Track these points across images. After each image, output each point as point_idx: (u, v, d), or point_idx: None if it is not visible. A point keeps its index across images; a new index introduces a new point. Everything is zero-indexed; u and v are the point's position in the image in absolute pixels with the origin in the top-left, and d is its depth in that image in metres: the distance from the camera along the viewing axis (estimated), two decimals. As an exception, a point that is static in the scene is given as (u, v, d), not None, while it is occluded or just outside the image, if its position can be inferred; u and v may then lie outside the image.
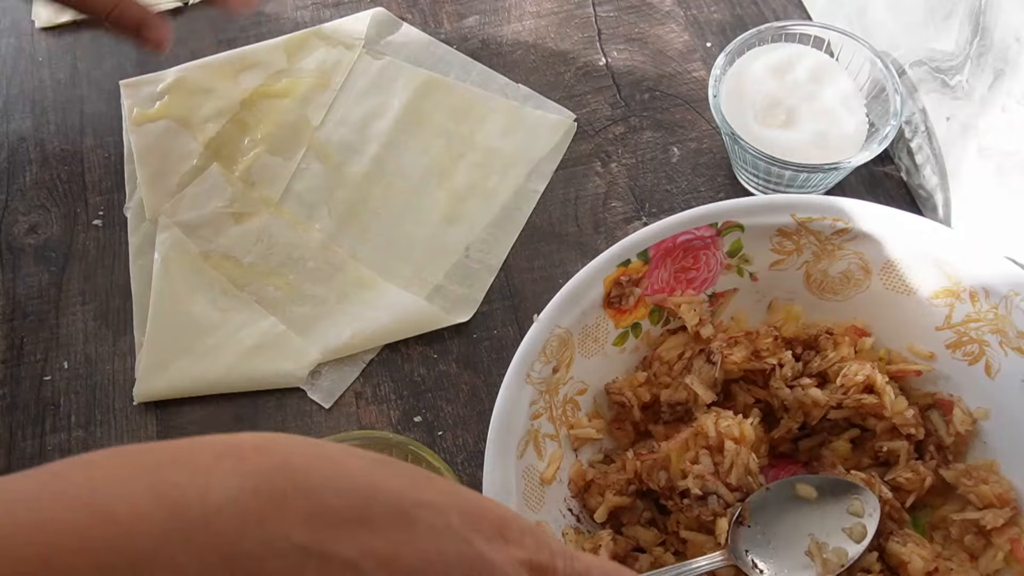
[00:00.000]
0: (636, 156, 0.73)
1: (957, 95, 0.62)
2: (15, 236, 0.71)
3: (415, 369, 0.66)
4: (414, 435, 0.63)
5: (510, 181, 0.72)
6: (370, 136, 0.74)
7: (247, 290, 0.68)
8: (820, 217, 0.57)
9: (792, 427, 0.57)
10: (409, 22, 0.80)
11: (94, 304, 0.68)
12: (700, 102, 0.75)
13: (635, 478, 0.55)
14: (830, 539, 0.52)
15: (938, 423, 0.57)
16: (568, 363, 0.56)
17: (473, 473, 0.62)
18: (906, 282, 0.57)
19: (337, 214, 0.71)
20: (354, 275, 0.69)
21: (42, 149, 0.75)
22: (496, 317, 0.67)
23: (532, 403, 0.54)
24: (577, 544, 0.55)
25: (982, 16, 0.58)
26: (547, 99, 0.76)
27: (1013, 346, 0.54)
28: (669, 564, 0.54)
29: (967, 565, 0.53)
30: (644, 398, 0.58)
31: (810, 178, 0.66)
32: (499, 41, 0.79)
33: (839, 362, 0.57)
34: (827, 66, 0.68)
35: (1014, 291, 0.53)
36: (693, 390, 0.56)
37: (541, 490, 0.54)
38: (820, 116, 0.67)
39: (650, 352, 0.60)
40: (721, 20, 0.79)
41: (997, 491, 0.54)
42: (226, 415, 0.64)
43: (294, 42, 0.79)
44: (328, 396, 0.65)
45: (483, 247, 0.70)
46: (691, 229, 0.57)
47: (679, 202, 0.71)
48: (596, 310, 0.57)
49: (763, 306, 0.61)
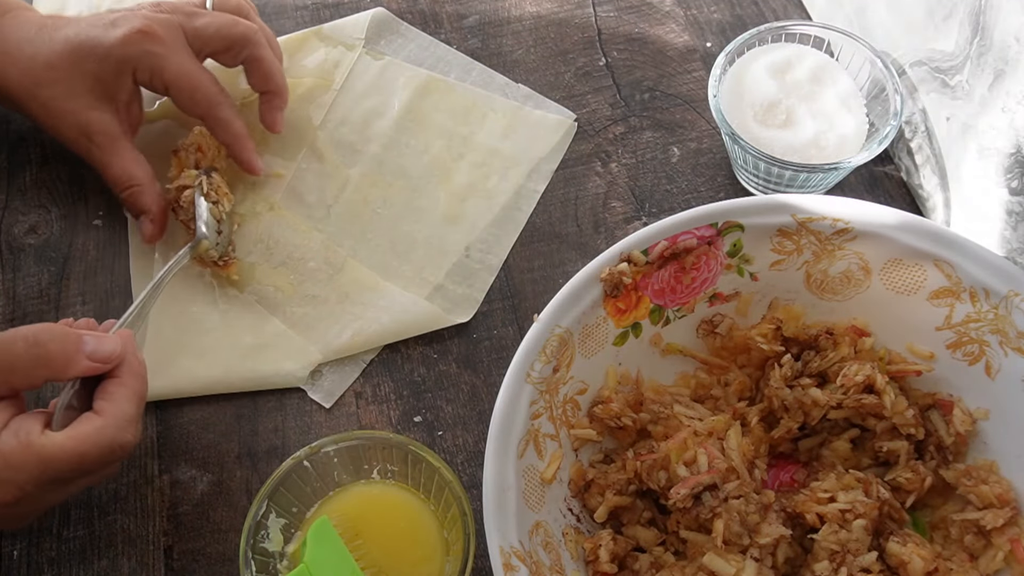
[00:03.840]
0: (636, 156, 0.73)
1: (957, 95, 0.62)
2: (15, 236, 0.71)
3: (415, 369, 0.66)
4: (414, 435, 0.63)
5: (510, 181, 0.72)
6: (370, 136, 0.74)
7: (248, 290, 0.68)
8: (820, 217, 0.57)
9: (792, 427, 0.58)
10: (409, 22, 0.80)
11: (94, 304, 0.68)
12: (700, 102, 0.75)
13: (635, 478, 0.55)
14: None
15: (938, 423, 0.57)
16: (568, 363, 0.56)
17: (473, 473, 0.62)
18: (906, 282, 0.57)
19: (337, 214, 0.71)
20: (354, 275, 0.69)
21: (42, 149, 0.75)
22: (496, 317, 0.67)
23: (532, 403, 0.54)
24: (577, 544, 0.55)
25: (982, 16, 0.58)
26: (547, 99, 0.76)
27: (1013, 346, 0.54)
28: (669, 564, 0.54)
29: (967, 565, 0.53)
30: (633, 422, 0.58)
31: (810, 178, 0.66)
32: (499, 41, 0.79)
33: (839, 362, 0.57)
34: (827, 66, 0.68)
35: (1014, 291, 0.53)
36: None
37: (541, 490, 0.54)
38: (820, 116, 0.67)
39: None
40: (721, 20, 0.79)
41: (997, 491, 0.54)
42: (226, 415, 0.64)
43: (294, 42, 0.79)
44: (328, 396, 0.65)
45: (483, 247, 0.70)
46: (691, 229, 0.57)
47: (679, 202, 0.71)
48: (596, 310, 0.57)
49: (763, 306, 0.61)
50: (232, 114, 0.69)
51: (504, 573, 0.48)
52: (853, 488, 0.55)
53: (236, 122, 0.69)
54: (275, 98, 0.72)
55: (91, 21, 0.67)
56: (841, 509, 0.53)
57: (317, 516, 0.56)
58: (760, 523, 0.52)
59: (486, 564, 0.49)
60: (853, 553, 0.52)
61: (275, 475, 0.55)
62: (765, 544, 0.52)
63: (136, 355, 0.57)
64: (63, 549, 0.60)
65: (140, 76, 0.67)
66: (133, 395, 0.55)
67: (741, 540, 0.52)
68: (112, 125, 0.67)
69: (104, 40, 0.65)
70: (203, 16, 0.68)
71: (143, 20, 0.66)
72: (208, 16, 0.69)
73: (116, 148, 0.68)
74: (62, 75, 0.65)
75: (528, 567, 0.49)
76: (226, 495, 0.61)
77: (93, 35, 0.66)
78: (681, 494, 0.52)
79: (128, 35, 0.65)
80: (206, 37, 0.68)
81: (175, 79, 0.66)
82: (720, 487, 0.52)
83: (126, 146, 0.68)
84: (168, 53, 0.66)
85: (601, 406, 0.58)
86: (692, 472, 0.53)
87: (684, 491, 0.52)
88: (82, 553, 0.60)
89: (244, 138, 0.70)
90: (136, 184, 0.67)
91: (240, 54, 0.70)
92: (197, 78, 0.67)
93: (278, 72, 0.71)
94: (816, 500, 0.54)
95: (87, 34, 0.66)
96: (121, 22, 0.66)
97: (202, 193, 0.67)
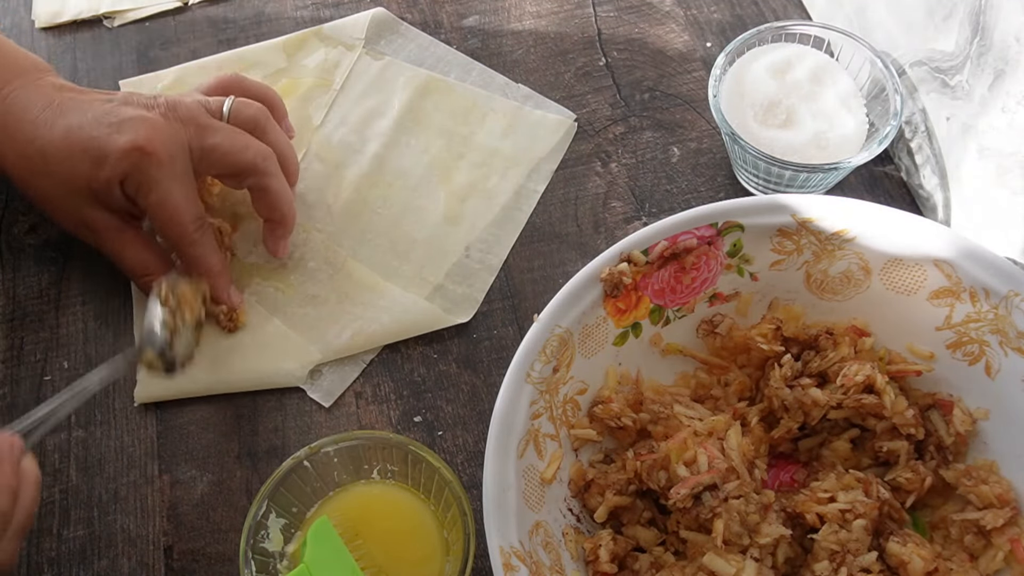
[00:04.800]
0: (636, 156, 0.73)
1: (957, 95, 0.62)
2: (15, 236, 0.71)
3: (415, 369, 0.66)
4: (414, 435, 0.63)
5: (510, 181, 0.72)
6: (370, 136, 0.74)
7: (248, 290, 0.68)
8: (820, 217, 0.57)
9: (792, 427, 0.58)
10: (409, 22, 0.80)
11: (94, 304, 0.68)
12: (700, 102, 0.75)
13: (635, 478, 0.55)
14: None
15: (938, 423, 0.57)
16: (568, 363, 0.56)
17: (473, 473, 0.62)
18: (906, 282, 0.57)
19: (337, 214, 0.71)
20: (354, 275, 0.69)
21: (42, 149, 0.75)
22: (496, 317, 0.67)
23: (532, 403, 0.54)
24: (577, 544, 0.55)
25: (982, 16, 0.58)
26: (547, 99, 0.76)
27: (1013, 346, 0.54)
28: (669, 564, 0.54)
29: (967, 565, 0.53)
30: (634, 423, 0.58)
31: (810, 178, 0.66)
32: (499, 41, 0.79)
33: (839, 362, 0.57)
34: (827, 66, 0.68)
35: (1014, 291, 0.53)
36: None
37: (541, 490, 0.54)
38: (820, 116, 0.67)
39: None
40: (721, 20, 0.79)
41: (997, 491, 0.54)
42: (226, 415, 0.64)
43: (294, 42, 0.79)
44: (328, 396, 0.65)
45: (483, 247, 0.70)
46: (691, 229, 0.57)
47: (679, 202, 0.71)
48: (596, 310, 0.57)
49: (763, 306, 0.61)
50: (205, 251, 0.64)
51: (504, 573, 0.48)
52: (853, 488, 0.55)
53: (209, 259, 0.64)
54: (279, 227, 0.67)
55: (98, 114, 0.62)
56: (841, 509, 0.53)
57: (317, 516, 0.56)
58: (760, 523, 0.52)
59: (486, 564, 0.49)
60: (853, 553, 0.52)
61: (275, 475, 0.55)
62: (765, 544, 0.52)
63: (13, 465, 0.49)
64: (63, 549, 0.60)
65: (127, 188, 0.62)
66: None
67: (741, 540, 0.52)
68: (113, 219, 0.64)
69: (103, 146, 0.61)
70: (216, 133, 0.63)
71: (149, 130, 0.61)
72: (220, 134, 0.63)
73: (124, 239, 0.65)
74: (56, 168, 0.62)
75: (528, 567, 0.49)
76: (226, 495, 0.61)
77: (94, 135, 0.61)
78: (681, 494, 0.52)
79: (127, 149, 0.60)
80: (212, 160, 0.64)
81: (156, 204, 0.62)
82: (720, 487, 0.52)
83: (134, 235, 0.65)
84: (161, 178, 0.61)
85: (601, 406, 0.58)
86: (692, 472, 0.53)
87: (684, 491, 0.52)
88: (82, 553, 0.60)
89: (217, 275, 0.65)
90: (150, 273, 0.65)
91: (246, 181, 0.65)
92: (179, 211, 0.62)
93: (285, 201, 0.66)
94: (816, 500, 0.54)
95: (88, 133, 0.61)
96: (127, 127, 0.61)
97: (159, 298, 0.60)
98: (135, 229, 0.66)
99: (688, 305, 0.60)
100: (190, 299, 0.62)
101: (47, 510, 0.61)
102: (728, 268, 0.59)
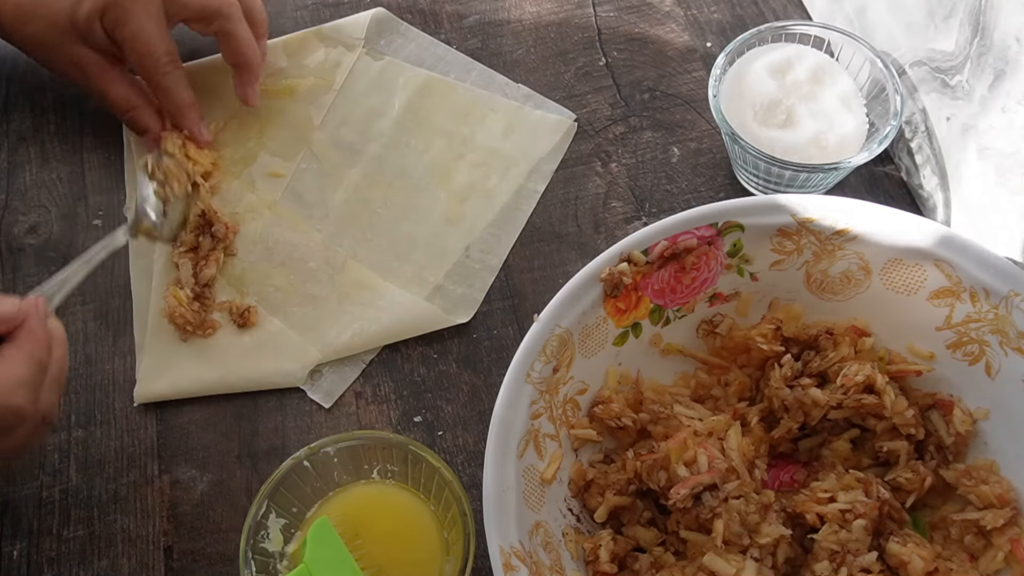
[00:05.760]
0: (636, 156, 0.73)
1: (957, 95, 0.63)
2: (15, 236, 0.71)
3: (415, 369, 0.66)
4: (414, 435, 0.63)
5: (510, 181, 0.72)
6: (370, 136, 0.74)
7: (248, 290, 0.68)
8: (820, 217, 0.57)
9: (792, 427, 0.58)
10: (409, 22, 0.80)
11: (94, 304, 0.68)
12: (700, 102, 0.75)
13: (635, 478, 0.55)
14: None
15: (938, 423, 0.57)
16: (568, 363, 0.56)
17: (473, 473, 0.62)
18: (906, 282, 0.57)
19: (337, 214, 0.71)
20: (354, 275, 0.69)
21: (42, 149, 0.75)
22: (496, 317, 0.67)
23: (532, 403, 0.54)
24: (577, 544, 0.55)
25: (982, 16, 0.58)
26: (547, 99, 0.76)
27: (1013, 346, 0.54)
28: (669, 564, 0.54)
29: (967, 565, 0.53)
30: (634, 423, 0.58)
31: (810, 178, 0.66)
32: (499, 41, 0.79)
33: (839, 362, 0.57)
34: (827, 66, 0.68)
35: (1014, 291, 0.53)
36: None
37: (541, 490, 0.54)
38: (820, 116, 0.67)
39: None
40: (721, 20, 0.79)
41: (997, 491, 0.54)
42: (226, 415, 0.64)
43: (294, 42, 0.79)
44: (328, 396, 0.65)
45: (483, 247, 0.70)
46: (691, 229, 0.57)
47: (679, 202, 0.71)
48: (596, 310, 0.57)
49: (763, 306, 0.61)
50: (176, 84, 0.70)
51: (504, 573, 0.48)
52: (853, 488, 0.55)
53: (180, 92, 0.70)
54: (244, 72, 0.73)
55: None
56: (841, 509, 0.53)
57: (317, 516, 0.56)
58: (760, 523, 0.52)
59: (486, 564, 0.49)
60: (853, 553, 0.52)
61: (275, 475, 0.55)
62: (765, 544, 0.52)
63: (41, 321, 0.54)
64: (63, 549, 0.60)
65: (105, 23, 0.68)
66: (26, 358, 0.52)
67: (741, 540, 0.52)
68: (99, 58, 0.70)
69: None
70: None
71: None
72: None
73: (110, 75, 0.70)
74: (44, 11, 0.68)
75: (528, 567, 0.49)
76: (226, 495, 0.61)
77: None
78: (681, 494, 0.52)
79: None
80: (182, 3, 0.69)
81: (131, 37, 0.68)
82: (720, 487, 0.52)
83: (118, 72, 0.71)
84: (135, 11, 0.67)
85: (601, 406, 0.58)
86: (692, 472, 0.53)
87: (684, 491, 0.52)
88: (82, 553, 0.60)
89: (186, 107, 0.70)
90: (135, 106, 0.71)
91: (212, 25, 0.71)
92: (152, 43, 0.68)
93: (249, 47, 0.72)
94: (816, 500, 0.54)
95: None
96: None
97: (147, 173, 0.67)
98: (119, 67, 0.71)
99: (688, 305, 0.60)
100: (176, 173, 0.68)
101: (47, 510, 0.61)
102: (728, 268, 0.59)
